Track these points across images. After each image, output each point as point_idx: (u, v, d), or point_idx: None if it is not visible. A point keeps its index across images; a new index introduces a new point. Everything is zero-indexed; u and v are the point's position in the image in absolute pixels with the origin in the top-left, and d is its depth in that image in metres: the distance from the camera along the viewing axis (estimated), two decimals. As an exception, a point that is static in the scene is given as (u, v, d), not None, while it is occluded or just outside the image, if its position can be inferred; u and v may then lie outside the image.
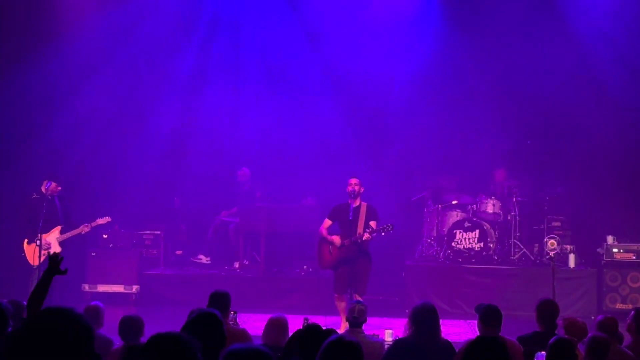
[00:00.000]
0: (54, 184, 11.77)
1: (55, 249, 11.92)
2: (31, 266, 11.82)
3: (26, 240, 11.95)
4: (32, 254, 11.83)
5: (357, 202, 10.85)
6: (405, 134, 14.94)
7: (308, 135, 15.00)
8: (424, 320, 6.65)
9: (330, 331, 5.57)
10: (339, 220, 11.03)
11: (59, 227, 12.00)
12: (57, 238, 11.98)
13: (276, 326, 7.04)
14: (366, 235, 10.59)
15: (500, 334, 6.72)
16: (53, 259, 5.82)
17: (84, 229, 12.06)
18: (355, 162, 14.17)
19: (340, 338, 4.42)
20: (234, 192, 14.82)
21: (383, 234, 10.65)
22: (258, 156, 15.12)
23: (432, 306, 6.78)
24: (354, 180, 10.92)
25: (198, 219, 15.03)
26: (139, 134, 14.71)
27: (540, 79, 14.48)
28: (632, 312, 6.90)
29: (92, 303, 7.70)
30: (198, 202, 15.05)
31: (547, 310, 7.13)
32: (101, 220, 12.23)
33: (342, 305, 10.74)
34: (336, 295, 11.03)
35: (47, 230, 11.73)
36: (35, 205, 11.80)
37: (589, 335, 6.28)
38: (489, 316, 6.75)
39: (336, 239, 10.92)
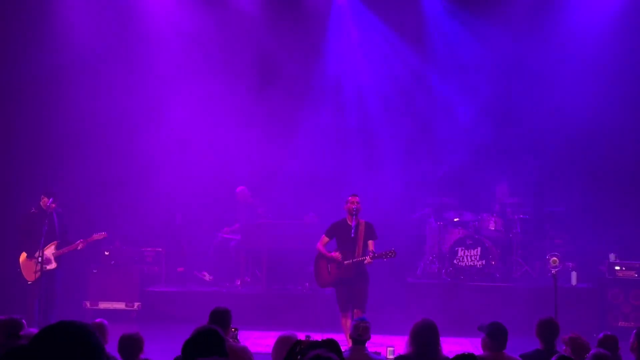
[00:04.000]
0: (46, 200, 11.79)
1: (51, 264, 11.93)
2: (27, 282, 11.84)
3: (24, 256, 11.95)
4: (28, 269, 11.84)
5: (356, 220, 10.82)
6: (408, 152, 14.95)
7: (309, 152, 15.00)
8: (424, 337, 6.63)
9: (330, 342, 5.55)
10: (338, 237, 11.01)
11: (55, 243, 11.99)
12: (53, 253, 11.98)
13: (286, 343, 7.01)
14: (367, 260, 10.58)
15: (504, 351, 6.74)
16: None
17: (79, 244, 12.05)
18: (357, 179, 14.17)
19: (319, 354, 4.35)
20: (236, 209, 14.81)
21: (385, 259, 10.66)
22: (259, 173, 15.12)
23: (433, 323, 6.76)
24: (355, 198, 10.90)
25: (199, 235, 15.02)
26: (140, 150, 14.73)
27: (542, 96, 14.53)
28: (634, 331, 6.88)
29: (97, 320, 7.67)
30: (199, 219, 15.05)
31: (546, 328, 7.12)
32: (97, 236, 12.21)
33: (347, 323, 10.71)
34: (342, 314, 11.01)
35: (44, 245, 11.71)
36: (33, 221, 11.83)
37: (591, 351, 6.26)
38: (497, 332, 6.75)
39: (337, 255, 10.88)
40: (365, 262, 10.62)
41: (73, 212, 12.88)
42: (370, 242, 10.76)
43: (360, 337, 7.34)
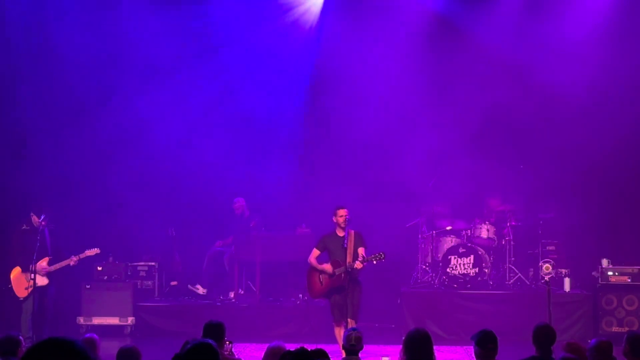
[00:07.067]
0: (36, 218, 11.80)
1: (43, 280, 11.92)
2: (18, 298, 11.86)
3: (15, 272, 11.95)
4: (19, 285, 11.85)
5: (346, 230, 10.88)
6: (399, 160, 14.95)
7: (300, 164, 15.00)
8: (418, 347, 6.63)
9: (319, 352, 5.56)
10: (329, 249, 11.06)
11: (46, 259, 11.99)
12: (44, 269, 11.97)
13: (275, 354, 7.01)
14: (357, 264, 10.60)
15: (496, 358, 6.73)
16: None
17: (71, 260, 12.04)
18: (348, 190, 14.17)
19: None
20: (230, 221, 14.81)
21: (375, 262, 10.67)
22: (251, 185, 15.10)
23: (426, 332, 6.76)
24: (344, 211, 10.95)
25: (192, 249, 15.01)
26: (133, 164, 14.73)
27: (533, 103, 14.57)
28: (625, 335, 6.90)
29: (87, 335, 7.67)
30: (192, 232, 15.04)
31: (543, 335, 7.12)
32: (90, 252, 12.20)
33: (341, 333, 10.71)
34: (335, 324, 11.01)
35: (36, 261, 11.72)
36: (25, 238, 11.85)
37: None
38: (485, 339, 6.75)
39: (327, 267, 10.94)
40: (356, 266, 10.64)
41: (65, 228, 12.85)
42: (360, 250, 10.81)
43: (352, 347, 7.35)
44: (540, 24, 14.25)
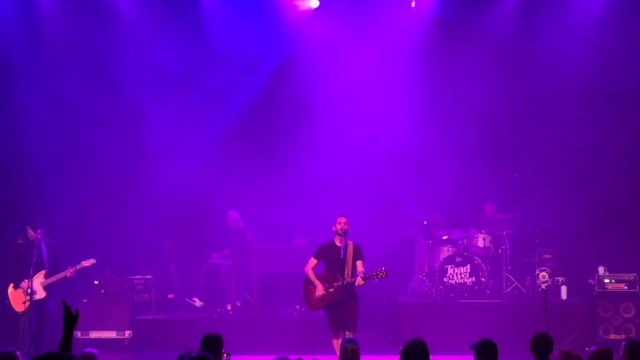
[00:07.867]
0: (31, 231, 11.83)
1: (40, 294, 11.93)
2: (16, 312, 11.87)
3: (11, 286, 11.97)
4: (16, 300, 11.87)
5: (344, 241, 10.80)
6: (394, 170, 14.97)
7: (296, 174, 15.00)
8: (415, 357, 6.62)
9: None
10: (326, 259, 10.96)
11: (43, 272, 12.02)
12: (41, 283, 11.99)
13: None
14: (359, 281, 10.52)
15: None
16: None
17: (68, 272, 12.06)
18: (345, 200, 14.18)
19: None
20: (225, 233, 14.79)
21: (376, 280, 10.62)
22: (246, 197, 15.10)
23: (423, 342, 6.74)
24: (343, 219, 10.88)
25: (189, 261, 14.99)
26: (128, 177, 14.74)
27: (527, 110, 14.61)
28: (623, 342, 6.90)
29: (87, 350, 7.65)
30: (189, 244, 15.02)
31: (541, 344, 7.12)
32: (86, 263, 12.23)
33: (339, 344, 10.66)
34: (333, 335, 10.97)
35: (32, 275, 11.73)
36: (21, 251, 11.88)
37: None
38: (486, 348, 6.74)
39: (320, 286, 10.84)
40: (357, 283, 10.57)
41: (62, 241, 12.85)
42: (358, 263, 10.73)
43: (349, 359, 7.33)
44: (539, 28, 14.28)
